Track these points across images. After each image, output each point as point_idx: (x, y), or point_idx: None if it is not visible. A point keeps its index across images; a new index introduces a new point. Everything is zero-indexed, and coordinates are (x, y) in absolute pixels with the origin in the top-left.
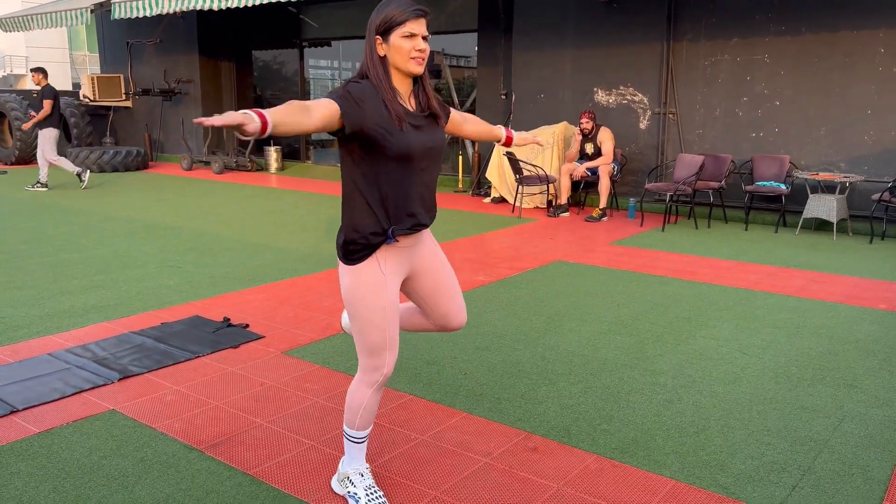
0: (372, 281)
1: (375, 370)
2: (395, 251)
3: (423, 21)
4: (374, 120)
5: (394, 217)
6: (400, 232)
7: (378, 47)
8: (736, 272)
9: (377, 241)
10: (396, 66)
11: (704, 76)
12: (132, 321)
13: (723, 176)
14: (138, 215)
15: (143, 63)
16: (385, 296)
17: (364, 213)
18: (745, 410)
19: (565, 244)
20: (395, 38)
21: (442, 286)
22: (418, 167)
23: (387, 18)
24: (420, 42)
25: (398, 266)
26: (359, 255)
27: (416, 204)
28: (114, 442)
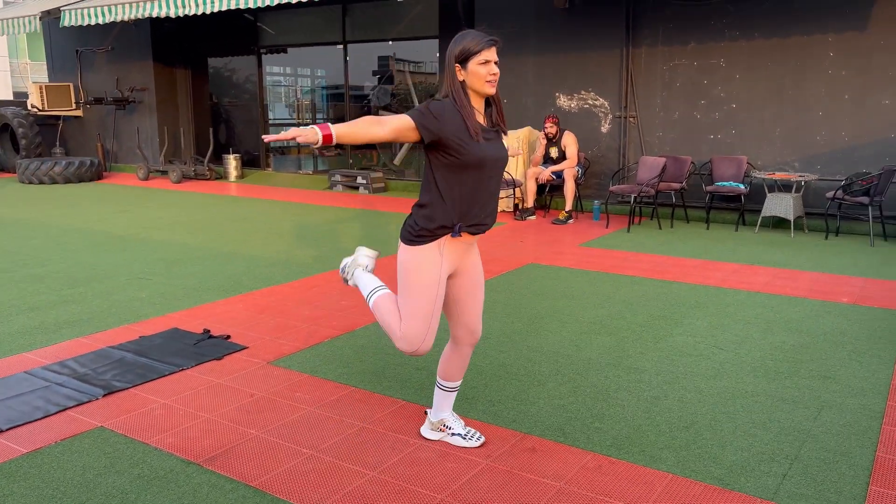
0: (430, 257)
1: (412, 342)
2: (454, 245)
3: (495, 49)
4: (452, 132)
5: (463, 216)
6: (464, 229)
7: (458, 73)
8: (703, 270)
9: (443, 233)
10: (473, 89)
11: (663, 80)
12: (108, 335)
13: (683, 177)
14: (99, 227)
15: (93, 71)
16: (441, 274)
17: (438, 208)
18: (729, 404)
19: (535, 247)
20: (472, 65)
21: (475, 293)
22: (487, 175)
23: (465, 49)
24: (493, 67)
25: (453, 259)
26: (425, 239)
27: (482, 207)
28: (106, 459)
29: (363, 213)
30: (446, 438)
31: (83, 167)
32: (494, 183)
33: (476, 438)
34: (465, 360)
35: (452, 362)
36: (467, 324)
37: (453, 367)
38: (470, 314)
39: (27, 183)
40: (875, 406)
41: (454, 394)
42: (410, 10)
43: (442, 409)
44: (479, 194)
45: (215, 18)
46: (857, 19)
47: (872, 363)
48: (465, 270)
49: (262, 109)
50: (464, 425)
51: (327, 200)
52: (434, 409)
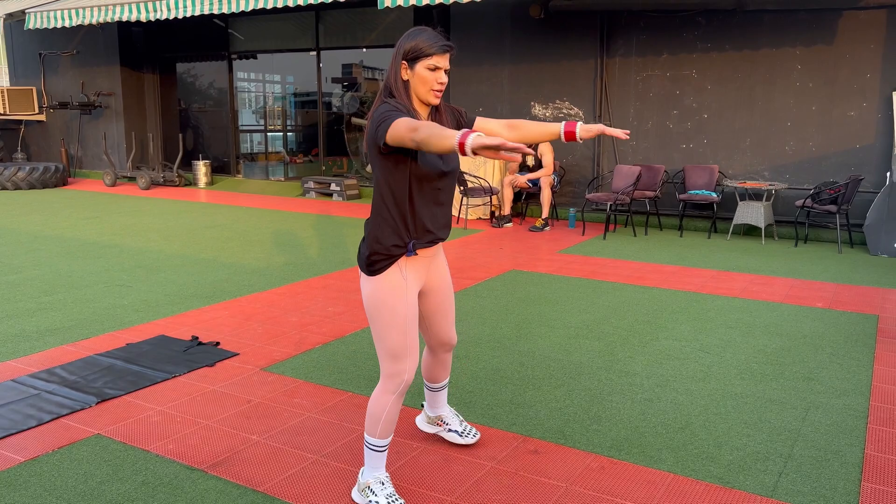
0: (394, 286)
1: (396, 376)
2: (415, 262)
3: (447, 56)
4: None
5: (414, 231)
6: (420, 245)
7: (403, 71)
8: (681, 276)
9: (398, 253)
10: (416, 94)
11: (636, 90)
12: (94, 343)
13: (657, 185)
14: (70, 234)
15: (57, 75)
16: (407, 300)
17: (388, 227)
18: (720, 406)
19: (514, 254)
20: (420, 67)
21: (444, 307)
22: (437, 186)
23: (416, 48)
24: (442, 75)
25: (417, 276)
26: (381, 265)
27: (435, 220)
28: (108, 466)
29: (338, 219)
30: (441, 433)
31: (48, 173)
32: (447, 193)
33: (472, 435)
34: (447, 363)
35: (434, 366)
36: (439, 336)
37: (435, 370)
38: (442, 327)
39: None
40: (859, 406)
41: (444, 391)
42: (385, 17)
43: (437, 407)
44: (433, 206)
45: (185, 23)
46: (824, 33)
47: (852, 365)
48: (433, 286)
49: (233, 115)
50: (461, 421)
51: (302, 207)
52: (429, 406)
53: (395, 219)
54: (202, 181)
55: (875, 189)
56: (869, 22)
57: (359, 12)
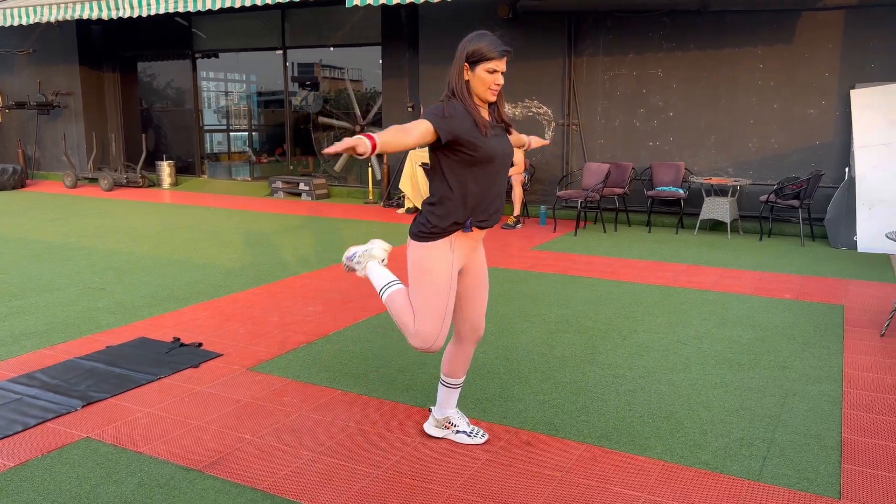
0: (442, 254)
1: (426, 339)
2: (464, 241)
3: (505, 60)
4: (465, 130)
5: (473, 211)
6: (475, 224)
7: (465, 72)
8: (653, 271)
9: (454, 229)
10: (476, 93)
11: (604, 89)
12: (72, 346)
13: (625, 182)
14: (35, 236)
15: (13, 74)
16: (453, 269)
17: (451, 205)
18: (702, 395)
19: (489, 251)
20: (480, 69)
21: (480, 290)
22: (494, 171)
23: (478, 51)
24: (499, 77)
25: (461, 255)
26: (436, 236)
27: (491, 202)
28: (101, 469)
29: (310, 219)
30: (450, 436)
31: (5, 174)
32: (502, 178)
33: (481, 436)
34: (469, 357)
35: (456, 359)
36: (471, 320)
37: (457, 363)
38: (474, 311)
39: None
40: (833, 392)
41: (458, 390)
42: (352, 16)
43: (447, 407)
44: (489, 189)
45: (147, 21)
46: (785, 33)
47: (823, 353)
48: (472, 268)
49: (197, 115)
50: (468, 422)
51: (270, 207)
52: (438, 406)
53: (460, 199)
54: (166, 182)
55: (835, 184)
56: (827, 22)
57: (325, 11)
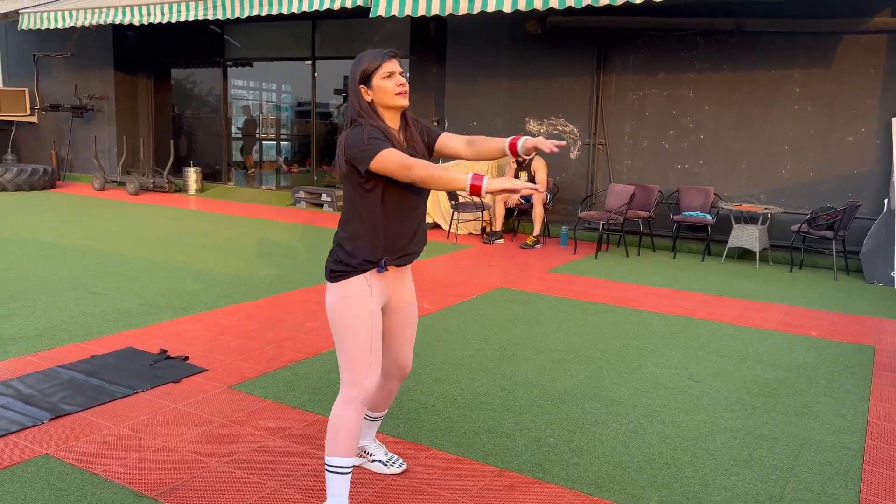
0: (359, 294)
1: (356, 385)
2: (383, 276)
3: (395, 60)
4: None
5: (387, 248)
6: (390, 262)
7: (364, 95)
8: (673, 300)
9: (368, 268)
10: (384, 105)
11: (632, 109)
12: (58, 354)
13: (651, 206)
14: (50, 237)
15: (51, 77)
16: (370, 310)
17: (361, 242)
18: (708, 440)
19: (504, 271)
20: (376, 81)
21: (405, 328)
22: (412, 202)
23: (364, 69)
24: (399, 78)
25: (383, 290)
26: (350, 273)
27: (408, 237)
28: (51, 491)
29: (327, 230)
30: (366, 465)
31: (36, 175)
32: (421, 209)
33: (398, 465)
34: (393, 393)
35: (379, 395)
36: (396, 358)
37: (379, 398)
38: (399, 348)
39: None
40: (854, 444)
41: (378, 423)
42: (382, 27)
43: (364, 437)
44: (407, 222)
45: (180, 28)
46: (824, 57)
47: (847, 399)
48: (396, 305)
49: (226, 123)
50: (386, 451)
51: (291, 217)
52: None
53: (369, 235)
54: (192, 188)
55: (872, 216)
56: (869, 46)
57: (355, 23)
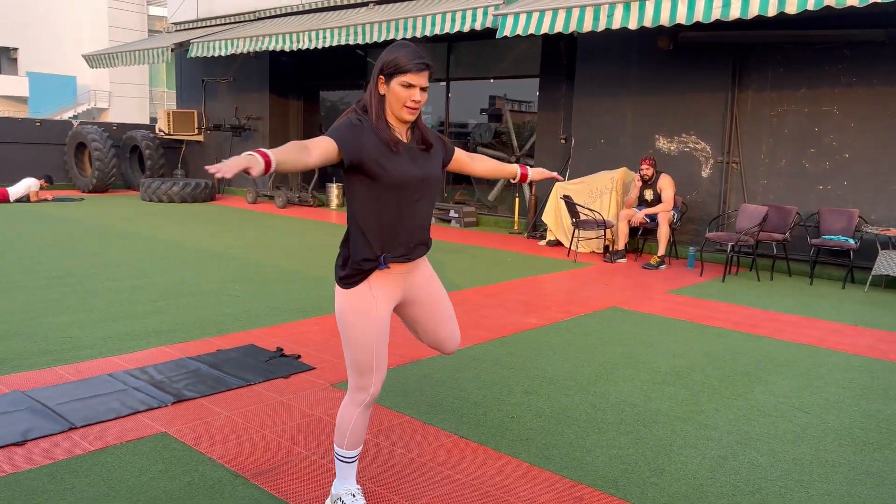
0: (362, 305)
1: (362, 390)
2: (388, 277)
3: (426, 74)
4: (370, 151)
5: (387, 245)
6: (392, 259)
7: (380, 85)
8: (799, 327)
9: (369, 268)
10: (391, 110)
11: (770, 126)
12: (189, 346)
13: (787, 228)
14: (202, 245)
15: (216, 100)
16: (374, 319)
17: (359, 241)
18: (804, 472)
19: (621, 291)
20: (395, 83)
21: (437, 314)
22: (413, 198)
23: (393, 63)
24: (416, 93)
25: (390, 292)
26: (353, 279)
27: (410, 234)
28: (163, 464)
29: (449, 245)
30: None
31: (198, 188)
32: (423, 205)
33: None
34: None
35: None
36: (436, 344)
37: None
38: (440, 331)
39: (148, 200)
40: None
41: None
42: (514, 48)
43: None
44: (405, 219)
45: (329, 53)
46: None
47: None
48: (414, 297)
49: None
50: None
51: None
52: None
53: (364, 232)
54: (334, 202)
55: None
56: None
57: (490, 44)
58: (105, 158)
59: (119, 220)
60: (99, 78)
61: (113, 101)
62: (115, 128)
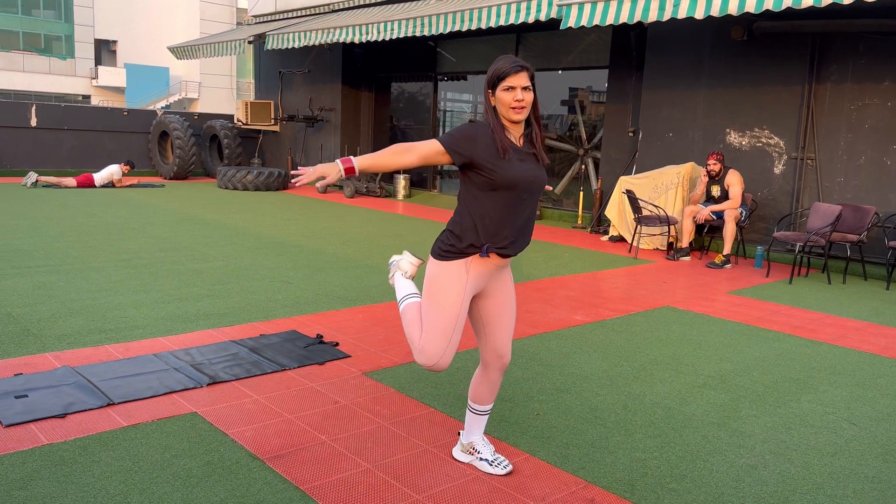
0: (456, 274)
1: (430, 357)
2: (481, 266)
3: (524, 74)
4: (484, 153)
5: (491, 236)
6: (493, 250)
7: (490, 99)
8: (864, 334)
9: (471, 252)
10: (502, 115)
11: (849, 121)
12: (235, 330)
13: (864, 228)
14: (267, 232)
15: (291, 91)
16: (464, 292)
17: (469, 227)
18: (838, 487)
19: (679, 290)
20: (499, 91)
21: (503, 316)
22: (520, 198)
23: (493, 74)
24: (518, 93)
25: (478, 279)
26: (453, 255)
27: (514, 231)
28: (188, 443)
29: None
30: (475, 462)
31: (271, 177)
32: (528, 206)
33: (503, 466)
34: (495, 385)
35: (481, 385)
36: (495, 347)
37: (482, 390)
38: (497, 337)
39: (223, 188)
40: None
41: (485, 417)
42: (583, 39)
43: (472, 432)
44: (510, 216)
45: (400, 44)
46: None
47: None
48: (493, 292)
49: (434, 133)
50: (493, 451)
51: None
52: (465, 431)
53: (476, 223)
54: (401, 193)
55: None
56: None
57: (559, 34)
58: (185, 147)
59: (192, 206)
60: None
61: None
62: (196, 117)
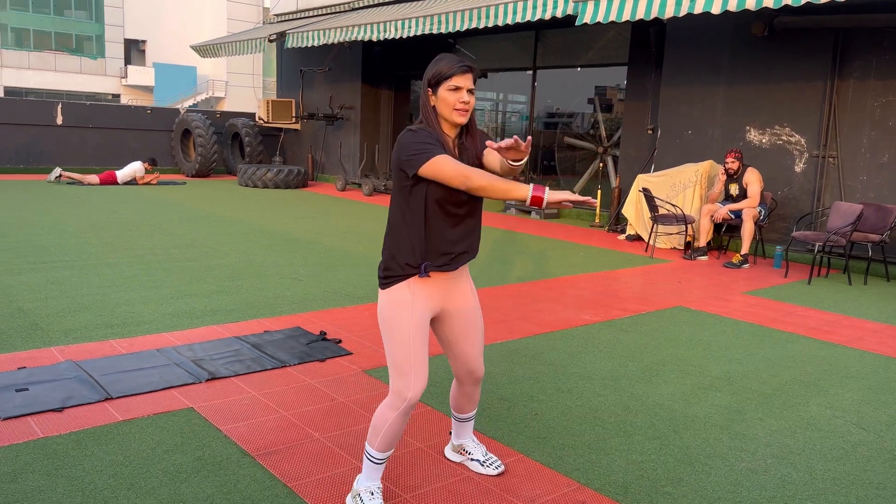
0: (401, 300)
1: (399, 393)
2: (427, 283)
3: (469, 76)
4: None
5: (430, 253)
6: (432, 268)
7: (430, 98)
8: (882, 336)
9: (410, 273)
10: (443, 116)
11: (873, 118)
12: (240, 326)
13: (886, 228)
14: (283, 229)
15: (312, 89)
16: (412, 317)
17: (403, 246)
18: (840, 493)
19: (694, 289)
20: (442, 90)
21: (468, 334)
22: (460, 210)
23: (436, 73)
24: (464, 95)
25: (428, 297)
26: (393, 280)
27: (453, 244)
28: (181, 438)
29: (525, 237)
30: (466, 462)
31: (291, 175)
32: (470, 218)
33: (495, 467)
34: (473, 396)
35: (460, 398)
36: (465, 364)
37: (461, 402)
38: (465, 355)
39: (244, 186)
40: None
41: (470, 422)
42: (602, 36)
43: (460, 436)
44: (450, 230)
45: (419, 43)
46: None
47: None
48: (452, 311)
49: None
50: (485, 451)
51: (496, 223)
52: (454, 434)
53: (410, 239)
54: None
55: None
56: None
57: (577, 31)
58: (207, 145)
59: (212, 203)
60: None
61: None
62: (218, 115)
